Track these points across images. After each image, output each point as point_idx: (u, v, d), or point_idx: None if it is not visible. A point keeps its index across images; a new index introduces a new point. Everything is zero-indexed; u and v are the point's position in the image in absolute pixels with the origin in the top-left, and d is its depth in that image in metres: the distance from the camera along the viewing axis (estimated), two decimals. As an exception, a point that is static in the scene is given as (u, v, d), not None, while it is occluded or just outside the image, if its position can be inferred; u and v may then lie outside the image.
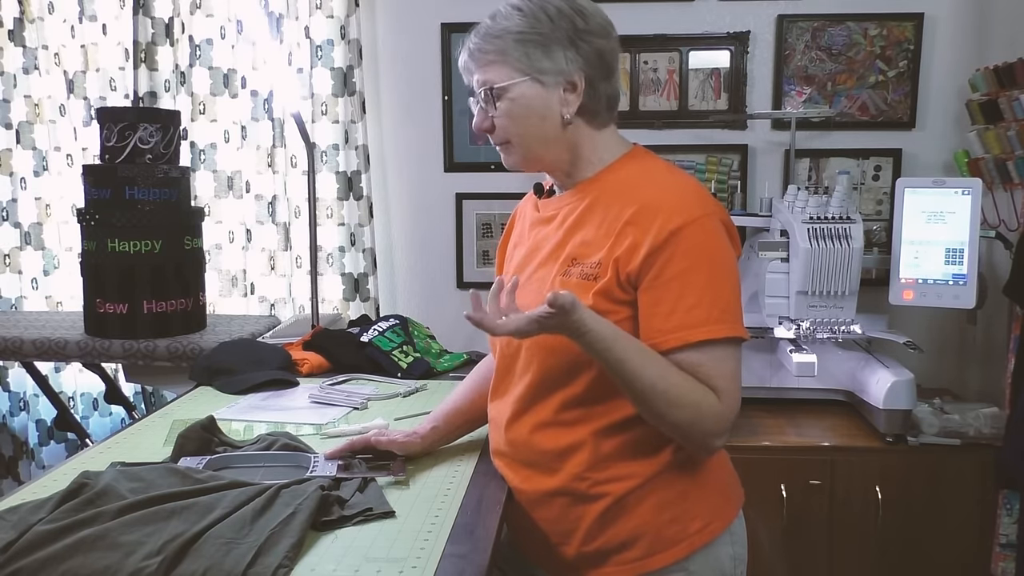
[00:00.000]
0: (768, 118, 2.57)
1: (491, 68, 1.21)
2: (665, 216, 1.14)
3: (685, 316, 1.12)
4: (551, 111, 1.21)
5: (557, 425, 1.22)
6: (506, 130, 1.23)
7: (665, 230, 1.13)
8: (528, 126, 1.22)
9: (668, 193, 1.18)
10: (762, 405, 2.30)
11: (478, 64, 1.22)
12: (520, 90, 1.20)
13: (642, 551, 1.20)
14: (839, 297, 2.09)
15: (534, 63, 1.19)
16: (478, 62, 1.22)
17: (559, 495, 1.23)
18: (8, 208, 2.81)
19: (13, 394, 2.88)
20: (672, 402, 1.11)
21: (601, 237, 1.19)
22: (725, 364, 1.14)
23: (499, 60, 1.20)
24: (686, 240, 1.13)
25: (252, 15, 2.66)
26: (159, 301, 2.20)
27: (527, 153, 1.25)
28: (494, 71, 1.21)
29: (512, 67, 1.20)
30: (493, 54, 1.20)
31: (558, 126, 1.22)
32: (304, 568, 0.98)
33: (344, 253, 2.70)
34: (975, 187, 2.07)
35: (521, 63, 1.19)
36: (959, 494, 2.09)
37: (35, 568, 0.94)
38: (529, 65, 1.19)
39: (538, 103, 1.21)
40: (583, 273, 1.19)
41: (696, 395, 1.12)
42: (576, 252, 1.21)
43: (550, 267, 1.23)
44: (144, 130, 2.21)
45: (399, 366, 1.94)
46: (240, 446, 1.37)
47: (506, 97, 1.21)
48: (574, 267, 1.20)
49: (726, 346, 1.14)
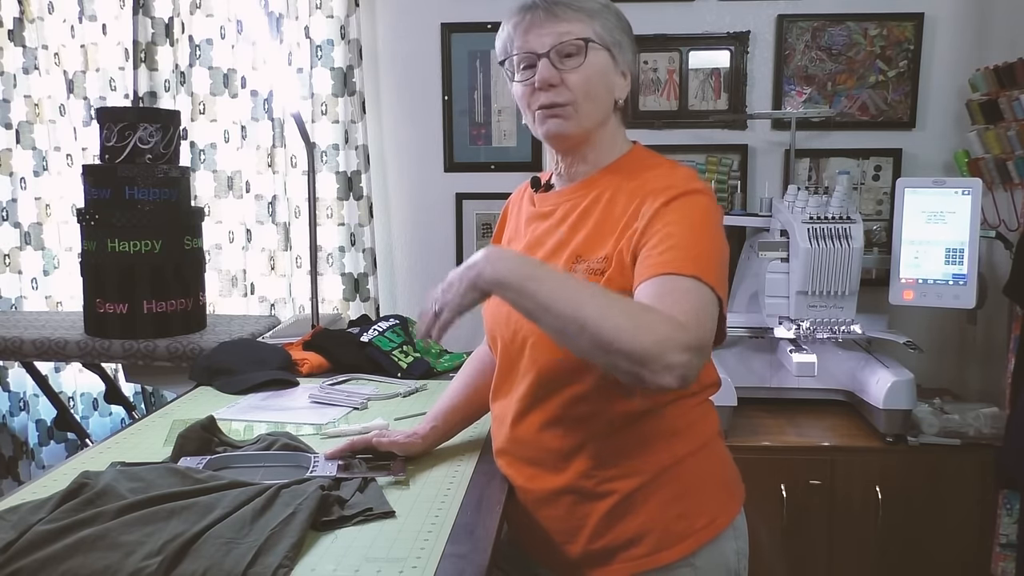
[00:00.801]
0: (768, 118, 2.57)
1: (575, 24, 1.19)
2: (659, 193, 1.15)
3: (658, 258, 1.09)
4: (613, 88, 1.24)
5: (565, 422, 1.22)
6: (578, 90, 1.19)
7: (658, 203, 1.14)
8: (598, 93, 1.21)
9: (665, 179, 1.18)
10: (762, 405, 2.30)
11: (560, 18, 1.18)
12: (600, 55, 1.20)
13: (649, 547, 1.20)
14: (839, 297, 2.09)
15: (613, 36, 1.22)
16: (559, 16, 1.19)
17: (565, 493, 1.23)
18: (8, 208, 2.81)
19: (13, 394, 2.88)
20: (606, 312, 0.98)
21: (606, 234, 1.19)
22: (686, 297, 1.04)
23: (586, 20, 1.19)
24: (676, 205, 1.13)
25: (252, 15, 2.66)
26: (159, 301, 2.20)
27: (584, 122, 1.22)
28: (578, 27, 1.19)
29: (594, 32, 1.20)
30: (582, 12, 1.19)
31: (611, 107, 1.25)
32: (304, 568, 0.98)
33: (344, 253, 2.70)
34: (975, 187, 2.07)
35: (604, 32, 1.20)
36: (959, 494, 2.09)
37: (35, 568, 0.94)
38: (609, 37, 1.21)
39: (609, 75, 1.22)
40: (589, 269, 1.18)
41: (640, 307, 1.03)
42: (580, 249, 1.20)
43: (553, 265, 1.23)
44: (144, 130, 2.21)
45: (399, 366, 1.94)
46: (240, 446, 1.37)
47: (589, 54, 1.19)
48: (579, 264, 1.20)
49: (692, 283, 1.06)
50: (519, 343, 1.25)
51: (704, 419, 1.27)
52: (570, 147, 1.26)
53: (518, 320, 1.23)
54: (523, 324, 1.22)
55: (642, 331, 0.97)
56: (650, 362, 0.97)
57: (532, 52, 1.19)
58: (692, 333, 1.00)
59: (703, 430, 1.26)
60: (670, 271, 1.07)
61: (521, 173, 2.13)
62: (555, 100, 1.20)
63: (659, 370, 0.97)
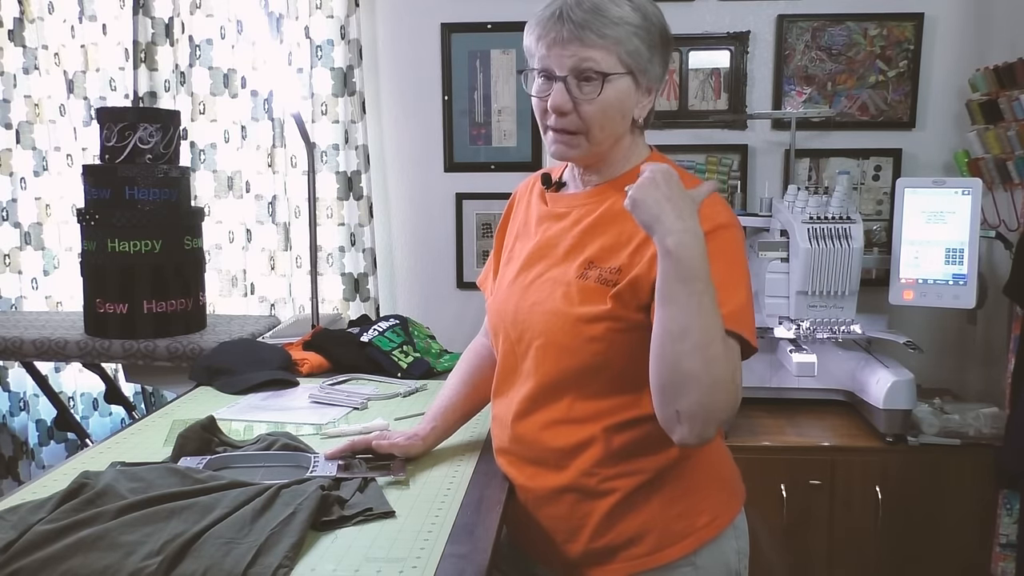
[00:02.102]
0: (768, 118, 2.57)
1: (598, 51, 1.14)
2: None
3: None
4: (630, 110, 1.20)
5: (569, 422, 1.21)
6: (591, 119, 1.17)
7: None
8: (613, 121, 1.19)
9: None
10: (762, 405, 2.30)
11: (584, 43, 1.14)
12: (619, 84, 1.16)
13: (650, 546, 1.20)
14: (839, 297, 2.09)
15: (639, 61, 1.17)
16: (584, 41, 1.13)
17: (567, 492, 1.23)
18: (8, 208, 2.81)
19: (13, 394, 2.88)
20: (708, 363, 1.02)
21: (622, 244, 1.17)
22: (729, 362, 1.06)
23: (610, 47, 1.14)
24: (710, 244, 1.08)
25: (252, 15, 2.66)
26: (159, 301, 2.20)
27: (597, 148, 1.20)
28: (601, 55, 1.14)
29: (619, 58, 1.15)
30: (608, 39, 1.14)
31: (627, 127, 1.22)
32: (304, 568, 0.98)
33: (344, 253, 2.70)
34: (975, 187, 2.07)
35: (630, 57, 1.16)
36: (959, 494, 2.09)
37: (35, 568, 0.94)
38: (635, 61, 1.17)
39: (627, 100, 1.19)
40: (601, 277, 1.17)
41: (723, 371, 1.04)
42: (594, 256, 1.19)
43: (565, 267, 1.22)
44: (144, 130, 2.21)
45: (399, 366, 1.94)
46: (240, 446, 1.37)
47: (606, 86, 1.15)
48: (591, 270, 1.19)
49: (731, 342, 1.07)
50: (525, 345, 1.24)
51: None
52: (580, 165, 1.27)
53: (526, 321, 1.23)
54: (531, 326, 1.22)
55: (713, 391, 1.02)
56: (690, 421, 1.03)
57: (551, 71, 1.17)
58: (732, 407, 1.04)
59: None
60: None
61: (521, 173, 2.13)
62: (566, 127, 1.18)
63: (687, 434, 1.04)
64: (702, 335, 1.02)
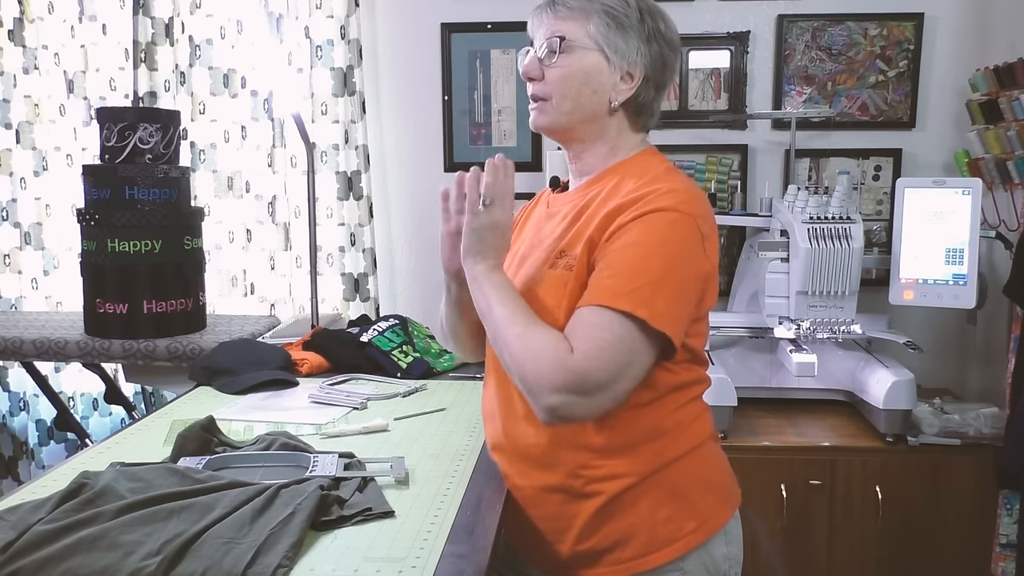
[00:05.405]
0: (768, 118, 2.57)
1: (567, 23, 1.21)
2: (629, 208, 1.14)
3: (596, 285, 1.11)
4: (603, 90, 1.22)
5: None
6: (553, 86, 1.22)
7: (626, 218, 1.13)
8: (577, 93, 1.22)
9: (655, 188, 1.16)
10: (762, 405, 2.31)
11: (556, 16, 1.22)
12: (586, 56, 1.20)
13: (636, 551, 1.20)
14: (839, 297, 2.09)
15: (609, 39, 1.21)
16: (556, 14, 1.22)
17: (555, 491, 1.23)
18: (8, 208, 2.81)
19: (13, 394, 2.88)
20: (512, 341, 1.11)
21: (582, 231, 1.19)
22: (600, 332, 1.07)
23: (579, 20, 1.20)
24: (647, 222, 1.11)
25: (252, 15, 2.66)
26: (159, 301, 2.20)
27: (559, 118, 1.24)
28: (569, 27, 1.21)
29: (587, 32, 1.20)
30: (576, 12, 1.21)
31: (603, 108, 1.23)
32: (304, 568, 0.98)
33: (344, 253, 2.70)
34: (975, 187, 2.07)
35: (598, 33, 1.20)
36: (959, 494, 2.09)
37: (35, 568, 0.94)
38: (604, 39, 1.20)
39: (596, 76, 1.21)
40: (567, 264, 1.18)
41: (542, 342, 1.09)
42: (565, 245, 1.21)
43: (544, 261, 1.23)
44: (144, 130, 2.21)
45: (399, 366, 1.94)
46: (240, 446, 1.37)
47: (570, 55, 1.20)
48: (561, 259, 1.20)
49: (615, 317, 1.07)
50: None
51: (696, 421, 1.25)
52: (559, 141, 1.29)
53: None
54: None
55: (528, 361, 1.09)
56: (536, 406, 1.09)
57: (531, 44, 1.25)
58: (573, 374, 1.05)
59: (695, 433, 1.24)
60: (599, 303, 1.09)
61: (521, 173, 2.12)
62: (535, 92, 1.24)
63: (539, 403, 1.09)
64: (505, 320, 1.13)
